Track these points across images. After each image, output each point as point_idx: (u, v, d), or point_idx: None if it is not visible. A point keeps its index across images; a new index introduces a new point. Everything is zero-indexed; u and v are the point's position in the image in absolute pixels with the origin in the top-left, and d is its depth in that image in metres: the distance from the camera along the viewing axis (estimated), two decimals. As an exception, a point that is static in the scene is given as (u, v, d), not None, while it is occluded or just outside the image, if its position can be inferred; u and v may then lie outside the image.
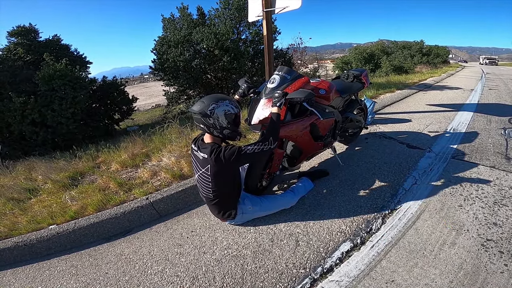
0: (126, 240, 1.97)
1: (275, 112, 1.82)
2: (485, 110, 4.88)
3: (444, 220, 1.86)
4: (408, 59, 15.41)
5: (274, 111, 1.82)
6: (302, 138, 2.13)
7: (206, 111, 1.68)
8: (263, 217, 1.97)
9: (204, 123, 1.70)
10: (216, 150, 1.67)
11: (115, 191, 2.43)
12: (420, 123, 4.09)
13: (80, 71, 6.73)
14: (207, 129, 1.73)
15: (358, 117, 2.95)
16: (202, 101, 1.74)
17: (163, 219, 2.16)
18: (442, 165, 2.66)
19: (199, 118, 1.70)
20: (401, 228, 1.80)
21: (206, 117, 1.68)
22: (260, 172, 2.06)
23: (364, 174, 2.53)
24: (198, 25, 7.21)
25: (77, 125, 5.88)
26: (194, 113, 1.71)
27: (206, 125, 1.71)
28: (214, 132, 1.73)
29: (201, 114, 1.68)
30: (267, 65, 4.09)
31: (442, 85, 8.85)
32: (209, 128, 1.72)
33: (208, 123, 1.69)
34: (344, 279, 1.45)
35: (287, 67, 2.10)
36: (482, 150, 2.99)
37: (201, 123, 1.72)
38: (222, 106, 1.71)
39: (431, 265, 1.49)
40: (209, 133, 1.75)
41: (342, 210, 2.01)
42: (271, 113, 1.85)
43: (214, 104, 1.70)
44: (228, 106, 1.74)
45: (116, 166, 2.99)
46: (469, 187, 2.24)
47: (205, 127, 1.73)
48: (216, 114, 1.69)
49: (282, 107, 1.86)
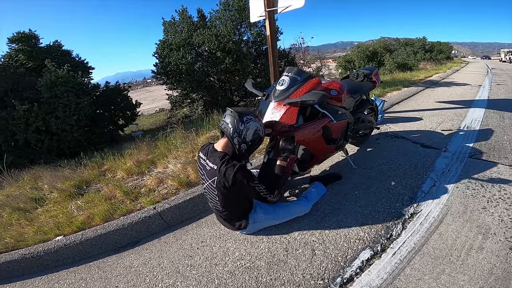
0: (134, 252, 1.90)
1: (279, 165, 1.83)
2: (496, 106, 4.74)
3: (468, 223, 1.76)
4: (411, 56, 15.22)
5: (279, 164, 1.83)
6: (315, 142, 2.05)
7: (244, 116, 1.67)
8: (276, 226, 1.88)
9: (234, 125, 1.65)
10: (227, 162, 1.59)
11: (122, 200, 2.37)
12: (431, 121, 3.97)
13: (83, 76, 6.71)
14: (231, 133, 1.67)
15: (370, 118, 2.85)
16: (246, 109, 1.74)
17: (172, 229, 2.09)
18: (460, 165, 2.55)
19: (232, 118, 1.66)
20: (423, 233, 1.70)
21: (240, 121, 1.65)
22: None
23: (378, 177, 2.42)
24: (198, 28, 7.17)
25: (82, 132, 5.85)
26: (231, 111, 1.68)
27: (233, 128, 1.65)
28: (235, 139, 1.67)
29: (238, 115, 1.65)
30: (272, 66, 4.01)
31: (449, 81, 8.68)
32: (233, 133, 1.66)
33: (237, 127, 1.65)
34: (366, 290, 1.36)
35: (296, 67, 2.01)
36: (499, 148, 2.87)
37: (231, 123, 1.66)
38: (257, 123, 1.71)
39: (459, 272, 1.40)
40: (230, 138, 1.68)
41: (359, 215, 1.91)
42: (277, 165, 1.84)
43: (252, 116, 1.70)
44: (261, 127, 1.75)
45: (121, 173, 2.93)
46: (491, 188, 2.13)
47: (230, 130, 1.66)
48: (250, 125, 1.68)
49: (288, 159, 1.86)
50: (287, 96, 1.88)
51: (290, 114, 1.80)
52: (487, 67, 16.64)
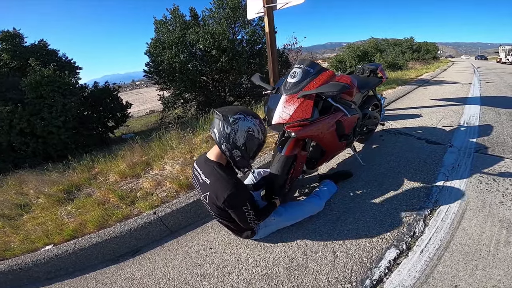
0: (136, 261, 1.73)
1: (274, 202, 1.66)
2: (490, 103, 4.81)
3: (490, 218, 1.70)
4: (399, 56, 15.52)
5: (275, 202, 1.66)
6: (328, 138, 1.93)
7: (230, 116, 1.40)
8: (288, 227, 1.75)
9: (219, 129, 1.41)
10: (221, 178, 1.39)
11: (116, 205, 2.19)
12: (431, 117, 3.97)
13: (70, 76, 6.40)
14: (217, 138, 1.44)
15: (376, 114, 2.78)
16: (236, 107, 1.53)
17: (175, 235, 1.93)
18: (468, 160, 2.51)
19: (217, 121, 1.43)
20: (447, 230, 1.62)
21: (225, 122, 1.39)
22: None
23: (389, 174, 2.34)
24: (191, 26, 7.01)
25: (69, 134, 5.55)
26: (216, 113, 1.45)
27: (220, 133, 1.41)
28: (223, 145, 1.43)
29: (223, 116, 1.40)
30: (271, 62, 3.92)
31: (440, 80, 8.84)
32: (220, 138, 1.42)
33: (223, 130, 1.40)
34: (400, 291, 1.26)
35: (309, 59, 1.90)
36: (502, 143, 2.87)
37: (216, 127, 1.43)
38: (249, 122, 1.43)
39: (493, 266, 1.34)
40: (218, 144, 1.45)
41: (377, 213, 1.82)
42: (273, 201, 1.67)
43: (241, 115, 1.43)
44: (256, 127, 1.45)
45: (114, 176, 2.74)
46: (503, 182, 2.09)
47: (216, 135, 1.43)
48: (238, 126, 1.41)
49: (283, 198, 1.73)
50: (301, 88, 1.75)
51: (305, 107, 1.68)
52: (473, 66, 17.18)
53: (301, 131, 1.73)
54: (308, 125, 1.73)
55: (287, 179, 1.86)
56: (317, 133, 1.82)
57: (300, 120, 1.69)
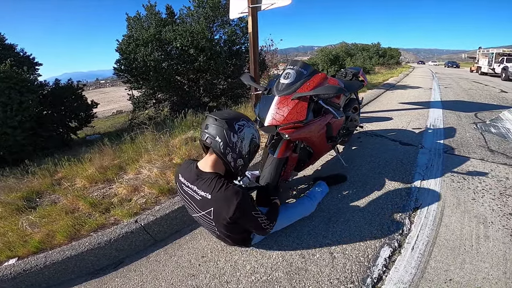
0: (120, 274, 1.57)
1: (276, 202, 1.64)
2: (450, 107, 5.29)
3: (466, 214, 1.84)
4: (367, 61, 16.50)
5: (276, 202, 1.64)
6: (318, 140, 1.96)
7: (235, 124, 1.31)
8: (282, 231, 1.72)
9: (224, 138, 1.29)
10: (226, 188, 1.26)
11: (88, 213, 1.99)
12: (401, 120, 4.24)
13: (28, 73, 5.76)
14: (221, 149, 1.30)
15: (356, 116, 2.89)
16: (233, 112, 1.42)
17: (161, 244, 1.79)
18: (439, 160, 2.71)
19: (220, 129, 1.29)
20: (431, 226, 1.72)
21: (231, 131, 1.30)
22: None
23: (370, 174, 2.44)
24: (167, 24, 6.73)
25: (26, 135, 4.97)
26: (216, 119, 1.31)
27: (224, 142, 1.30)
28: (229, 155, 1.32)
29: (228, 124, 1.29)
30: (253, 63, 3.88)
31: (403, 84, 9.55)
32: (225, 148, 1.30)
33: (230, 140, 1.30)
34: (400, 285, 1.31)
35: (301, 61, 1.90)
36: (466, 144, 3.15)
37: (219, 135, 1.29)
38: (252, 129, 1.40)
39: (479, 260, 1.44)
40: (221, 155, 1.32)
41: (365, 213, 1.87)
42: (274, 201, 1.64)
43: (245, 121, 1.36)
44: (256, 133, 1.44)
45: (82, 182, 2.49)
46: (472, 180, 2.29)
47: (221, 145, 1.30)
48: (244, 134, 1.35)
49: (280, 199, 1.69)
50: (294, 90, 1.75)
51: (300, 109, 1.67)
52: (431, 72, 18.85)
53: (295, 133, 1.72)
54: (301, 127, 1.74)
55: (279, 181, 1.84)
56: (310, 135, 1.83)
57: (294, 122, 1.68)
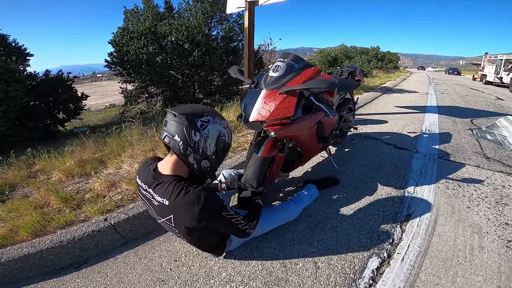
0: (82, 275, 1.42)
1: (258, 202, 1.50)
2: (446, 112, 5.23)
3: (460, 223, 1.73)
4: (365, 64, 16.48)
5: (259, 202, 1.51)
6: (308, 139, 1.82)
7: (197, 119, 1.13)
8: (263, 236, 1.59)
9: (184, 137, 1.11)
10: (185, 192, 1.09)
11: (58, 209, 1.84)
12: (396, 124, 4.15)
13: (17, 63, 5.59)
14: (181, 149, 1.12)
15: (350, 117, 2.77)
16: (198, 107, 1.24)
17: (131, 245, 1.64)
18: (434, 165, 2.61)
19: (179, 126, 1.11)
20: (424, 236, 1.61)
21: (192, 128, 1.11)
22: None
23: (362, 178, 2.33)
24: (164, 18, 6.58)
25: (10, 125, 4.79)
26: (175, 114, 1.12)
27: (185, 141, 1.11)
28: (191, 157, 1.14)
29: (187, 120, 1.10)
30: (247, 60, 3.77)
31: (400, 88, 9.52)
32: (185, 148, 1.12)
33: (190, 138, 1.12)
34: (386, 304, 1.18)
35: (293, 54, 1.76)
36: (461, 150, 3.06)
37: (178, 133, 1.11)
38: (218, 125, 1.20)
39: (472, 272, 1.34)
40: (181, 156, 1.14)
41: (354, 219, 1.75)
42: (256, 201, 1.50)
43: (210, 117, 1.18)
44: (225, 130, 1.24)
45: (58, 175, 2.34)
46: (467, 188, 2.19)
47: (180, 145, 1.12)
48: (209, 131, 1.16)
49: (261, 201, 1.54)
50: (283, 84, 1.61)
51: (288, 105, 1.54)
52: (428, 77, 18.92)
53: (282, 130, 1.58)
54: (289, 124, 1.60)
55: (264, 181, 1.71)
56: (298, 133, 1.70)
57: (281, 118, 1.55)
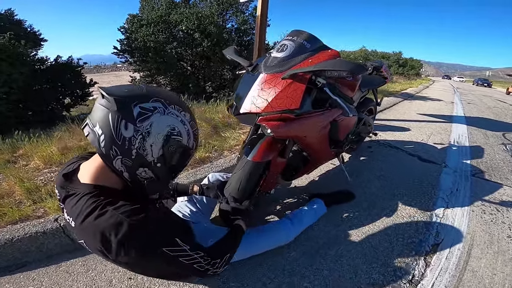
0: (13, 280, 1.13)
1: (239, 225, 1.06)
2: (476, 124, 4.70)
3: (500, 256, 1.37)
4: (386, 69, 15.77)
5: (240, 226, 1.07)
6: (318, 141, 1.44)
7: (134, 105, 0.69)
8: (248, 261, 1.25)
9: (109, 128, 0.67)
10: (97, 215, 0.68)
11: (19, 201, 1.58)
12: (421, 132, 3.70)
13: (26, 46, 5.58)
14: (101, 147, 0.68)
15: (371, 120, 2.35)
16: (137, 87, 0.77)
17: (82, 253, 1.31)
18: (467, 184, 2.19)
19: (104, 112, 0.67)
20: (453, 272, 1.26)
21: (123, 116, 0.67)
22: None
23: (379, 194, 1.94)
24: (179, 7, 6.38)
25: (10, 106, 4.73)
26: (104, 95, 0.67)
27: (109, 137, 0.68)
28: (117, 161, 0.70)
29: (117, 103, 0.67)
30: (257, 49, 3.47)
31: (423, 95, 8.89)
32: (109, 146, 0.68)
33: (118, 133, 0.67)
34: None
35: (307, 32, 1.34)
36: (496, 167, 2.61)
37: (100, 123, 0.68)
38: (172, 117, 0.74)
39: None
40: (102, 156, 0.71)
41: (366, 247, 1.39)
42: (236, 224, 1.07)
43: (159, 103, 0.72)
44: (183, 126, 0.77)
45: (37, 162, 2.10)
46: (507, 213, 1.80)
47: (100, 138, 0.68)
48: (152, 124, 0.70)
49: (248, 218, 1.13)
50: (290, 67, 1.23)
51: (293, 93, 1.16)
52: (452, 86, 17.91)
53: (282, 127, 1.19)
54: (293, 121, 1.21)
55: (252, 195, 1.32)
56: (304, 132, 1.30)
57: (282, 111, 1.16)
